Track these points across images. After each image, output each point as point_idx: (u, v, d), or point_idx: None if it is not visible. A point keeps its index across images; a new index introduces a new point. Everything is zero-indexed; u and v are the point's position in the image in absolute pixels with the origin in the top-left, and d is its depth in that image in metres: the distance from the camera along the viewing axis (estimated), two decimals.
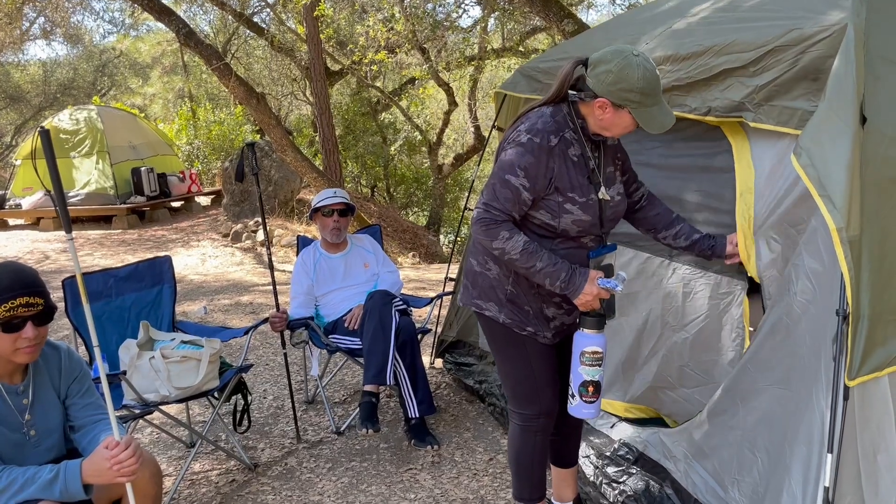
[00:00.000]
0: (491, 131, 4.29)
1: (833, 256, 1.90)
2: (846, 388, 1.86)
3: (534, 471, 2.52)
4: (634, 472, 2.76)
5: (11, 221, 11.66)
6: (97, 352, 2.21)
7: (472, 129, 15.71)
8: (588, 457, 2.98)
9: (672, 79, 2.63)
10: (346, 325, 3.75)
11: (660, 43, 2.75)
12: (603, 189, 2.31)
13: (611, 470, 2.85)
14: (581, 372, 2.33)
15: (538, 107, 2.32)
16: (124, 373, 3.07)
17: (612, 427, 3.05)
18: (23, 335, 2.07)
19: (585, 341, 2.31)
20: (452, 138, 19.88)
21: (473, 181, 4.73)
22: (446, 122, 16.40)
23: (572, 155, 2.25)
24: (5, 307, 2.02)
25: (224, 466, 3.47)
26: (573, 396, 2.38)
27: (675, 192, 2.89)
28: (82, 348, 3.34)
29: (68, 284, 3.26)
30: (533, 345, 2.40)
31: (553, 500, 2.76)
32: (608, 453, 2.91)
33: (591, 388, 2.34)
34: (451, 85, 14.75)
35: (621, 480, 2.78)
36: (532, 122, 2.24)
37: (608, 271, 2.36)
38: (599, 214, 2.32)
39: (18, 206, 11.38)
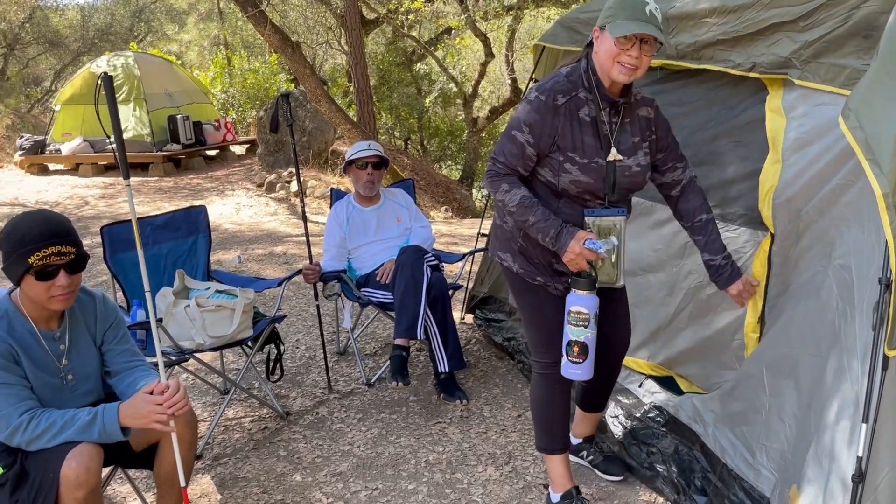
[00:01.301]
0: (528, 84, 4.21)
1: (877, 222, 1.84)
2: (885, 358, 1.82)
3: (554, 422, 2.55)
4: (664, 434, 2.76)
5: (51, 167, 11.86)
6: (148, 297, 2.27)
7: (509, 82, 15.45)
8: (617, 416, 2.98)
9: (717, 32, 2.55)
10: (377, 279, 3.77)
11: None
12: (614, 150, 2.30)
13: (640, 431, 2.85)
14: (567, 331, 2.37)
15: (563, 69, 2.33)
16: (160, 320, 3.12)
17: (639, 386, 3.05)
18: (56, 283, 2.11)
19: (573, 300, 2.35)
20: (488, 91, 19.59)
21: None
22: (482, 74, 16.13)
23: (583, 115, 2.29)
24: (38, 255, 2.05)
25: (257, 414, 3.55)
26: (563, 356, 2.41)
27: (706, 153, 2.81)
28: (119, 294, 3.43)
29: (106, 232, 3.32)
30: (545, 294, 2.47)
31: (572, 436, 2.84)
32: (638, 414, 2.91)
33: (576, 349, 2.36)
34: (488, 35, 14.48)
35: (650, 442, 2.78)
36: (544, 81, 2.29)
37: (605, 233, 2.34)
38: (612, 179, 2.31)
39: (58, 151, 11.55)
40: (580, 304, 2.34)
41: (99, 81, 2.38)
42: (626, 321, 2.63)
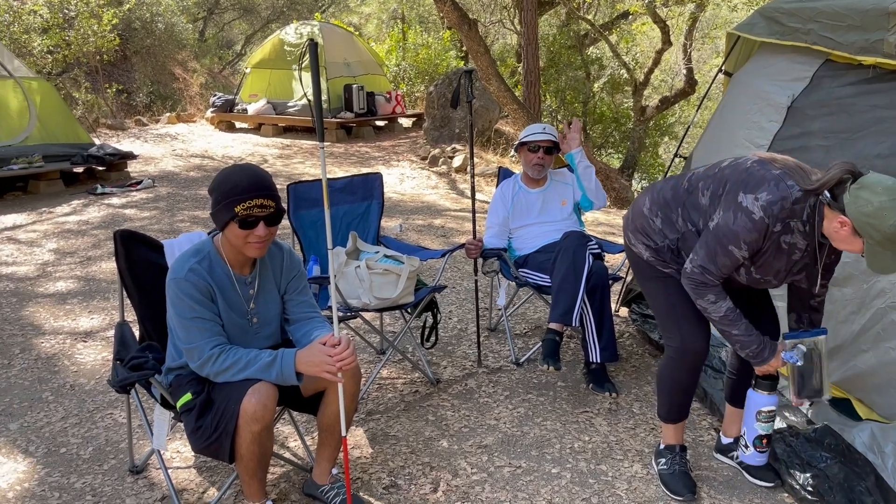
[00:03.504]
0: (716, 75, 4.01)
1: None
2: None
3: (676, 396, 2.71)
4: (833, 459, 2.57)
5: (237, 125, 12.81)
6: (330, 255, 2.43)
7: (684, 72, 14.79)
8: (781, 433, 2.82)
9: None
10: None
11: None
12: (819, 284, 2.42)
13: (805, 451, 2.68)
14: (757, 427, 2.64)
15: (791, 184, 2.21)
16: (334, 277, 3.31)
17: (810, 405, 2.85)
18: (255, 232, 2.28)
19: (761, 401, 2.60)
20: (660, 80, 18.86)
21: (689, 127, 4.47)
22: (656, 62, 15.55)
23: (784, 241, 2.28)
24: (243, 206, 2.23)
25: (409, 377, 3.69)
26: (746, 447, 2.69)
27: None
28: (297, 249, 3.66)
29: (292, 189, 3.55)
30: (673, 281, 2.57)
31: (721, 435, 2.93)
32: (805, 434, 2.73)
33: (765, 441, 2.66)
34: (667, 22, 13.90)
35: (816, 465, 2.60)
36: (772, 200, 2.20)
37: (808, 355, 2.48)
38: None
39: (244, 110, 12.46)
40: (769, 403, 2.60)
41: (304, 48, 2.53)
42: (775, 313, 2.71)
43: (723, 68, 3.93)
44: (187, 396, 2.32)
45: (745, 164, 2.33)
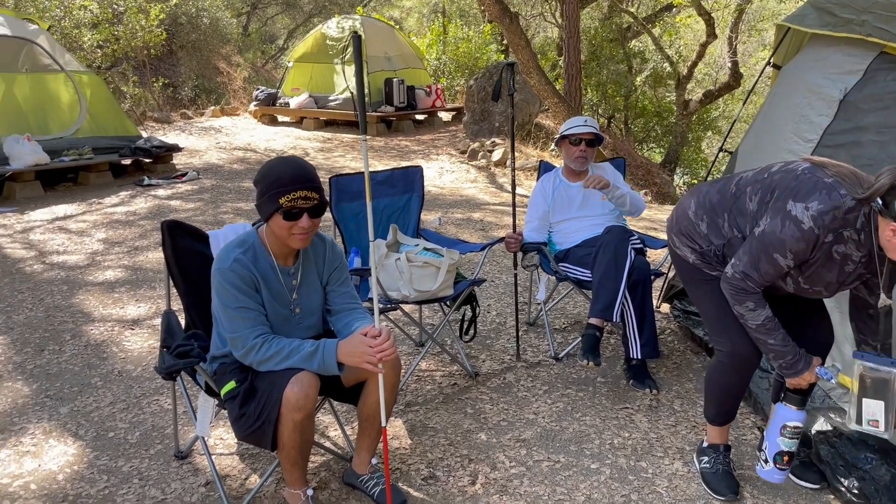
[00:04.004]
0: (765, 67, 3.92)
1: None
2: None
3: (723, 400, 2.64)
4: (878, 461, 2.51)
5: (280, 118, 12.97)
6: (372, 246, 2.44)
7: (729, 65, 14.49)
8: (825, 434, 2.76)
9: None
10: (583, 185, 3.71)
11: None
12: (883, 296, 2.29)
13: (849, 453, 2.62)
14: (779, 442, 2.48)
15: (843, 193, 2.13)
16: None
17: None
18: (299, 224, 2.31)
19: (788, 415, 2.46)
20: (703, 73, 18.53)
21: (735, 122, 4.38)
22: (700, 55, 15.26)
23: (836, 251, 2.20)
24: (288, 197, 2.26)
25: (447, 370, 3.70)
26: (766, 461, 2.53)
27: None
28: (338, 241, 3.69)
29: (334, 182, 3.59)
30: (718, 284, 2.49)
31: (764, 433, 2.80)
32: (850, 436, 2.67)
33: (786, 458, 2.50)
34: (712, 14, 13.64)
35: (861, 467, 2.54)
36: (822, 209, 2.12)
37: (878, 389, 2.33)
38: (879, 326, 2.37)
39: (287, 104, 12.60)
40: (797, 419, 2.46)
41: (347, 41, 2.54)
42: (829, 322, 2.61)
43: (771, 61, 3.84)
44: (231, 384, 2.36)
45: (796, 171, 2.26)
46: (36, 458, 2.86)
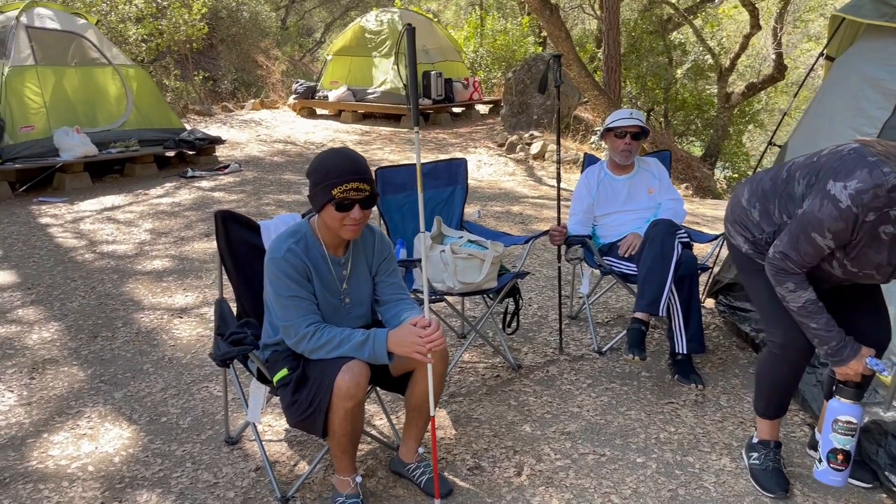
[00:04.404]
0: (818, 59, 3.84)
1: None
2: None
3: (774, 393, 2.60)
4: None
5: (318, 111, 13.08)
6: (422, 237, 2.48)
7: (773, 57, 14.20)
8: (870, 432, 2.71)
9: None
10: (619, 252, 3.72)
11: None
12: None
13: None
14: (831, 438, 2.39)
15: (887, 171, 2.06)
16: (419, 261, 3.36)
17: None
18: (350, 215, 2.34)
19: (840, 409, 2.37)
20: (746, 65, 18.19)
21: (785, 114, 4.30)
22: (744, 47, 15.00)
23: (883, 232, 2.14)
24: (340, 189, 2.29)
25: (490, 362, 3.71)
26: (820, 461, 2.45)
27: None
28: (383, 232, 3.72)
29: (380, 174, 3.61)
30: None
31: (816, 431, 2.79)
32: (894, 433, 2.62)
33: (840, 457, 2.39)
34: (756, 5, 13.37)
35: None
36: (861, 188, 2.08)
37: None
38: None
39: (325, 97, 12.70)
40: (850, 413, 2.36)
41: (402, 32, 2.57)
42: (886, 320, 2.52)
43: (825, 52, 3.77)
44: (283, 371, 2.40)
45: (842, 151, 2.23)
46: (92, 440, 2.95)
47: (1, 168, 7.09)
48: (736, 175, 16.77)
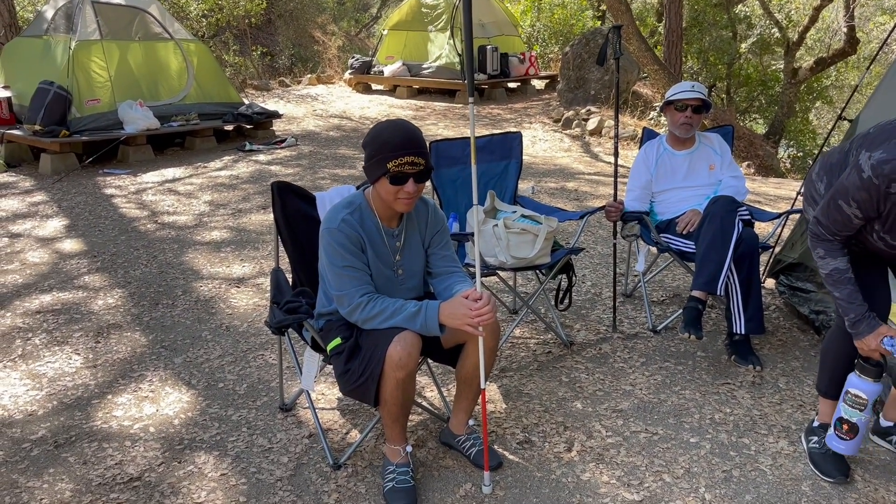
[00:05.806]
0: (891, 32, 3.65)
1: None
2: None
3: (837, 370, 2.54)
4: None
5: (373, 86, 13.11)
6: (475, 210, 2.46)
7: (845, 30, 13.59)
8: None
9: None
10: (678, 229, 3.64)
11: None
12: None
13: None
14: (841, 408, 2.43)
15: None
16: (471, 235, 3.34)
17: None
18: (405, 188, 2.34)
19: (854, 382, 2.38)
20: (815, 39, 17.46)
21: (857, 87, 4.10)
22: (813, 20, 14.40)
23: None
24: (395, 162, 2.28)
25: (542, 338, 3.69)
26: (831, 426, 2.48)
27: None
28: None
29: (434, 147, 3.60)
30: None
31: (881, 417, 2.74)
32: None
33: (845, 427, 2.42)
34: None
35: None
36: (883, 158, 2.06)
37: None
38: None
39: (381, 72, 12.71)
40: (861, 389, 2.37)
41: (457, 5, 2.53)
42: None
43: None
44: (337, 341, 2.43)
45: (888, 123, 2.21)
46: (154, 403, 3.06)
47: (69, 140, 7.33)
48: (801, 154, 16.18)
